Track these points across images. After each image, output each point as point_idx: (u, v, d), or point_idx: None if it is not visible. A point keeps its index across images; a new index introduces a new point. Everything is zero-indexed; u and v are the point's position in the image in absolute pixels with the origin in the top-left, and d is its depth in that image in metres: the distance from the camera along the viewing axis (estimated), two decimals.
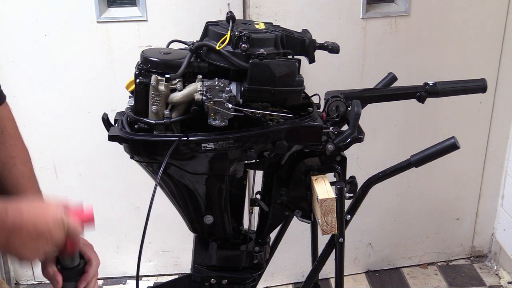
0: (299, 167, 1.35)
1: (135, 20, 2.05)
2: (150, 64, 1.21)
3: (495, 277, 2.49)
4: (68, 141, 2.21)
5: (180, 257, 2.45)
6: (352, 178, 1.41)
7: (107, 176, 2.28)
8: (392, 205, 2.44)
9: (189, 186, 1.31)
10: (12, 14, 2.01)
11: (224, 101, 1.18)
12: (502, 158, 2.43)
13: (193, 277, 1.46)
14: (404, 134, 2.30)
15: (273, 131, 1.24)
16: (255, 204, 1.45)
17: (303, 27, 1.38)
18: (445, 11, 2.14)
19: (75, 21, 2.03)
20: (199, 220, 1.35)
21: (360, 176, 1.42)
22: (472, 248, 2.61)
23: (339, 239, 1.39)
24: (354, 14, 2.08)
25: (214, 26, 1.26)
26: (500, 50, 2.24)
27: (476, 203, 2.52)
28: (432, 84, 1.49)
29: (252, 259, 1.46)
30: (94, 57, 2.09)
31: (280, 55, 1.22)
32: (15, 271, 2.44)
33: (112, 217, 2.34)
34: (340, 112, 1.41)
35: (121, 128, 1.26)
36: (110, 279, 2.46)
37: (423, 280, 2.48)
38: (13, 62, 2.09)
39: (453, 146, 1.32)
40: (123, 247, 2.42)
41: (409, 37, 2.15)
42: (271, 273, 2.41)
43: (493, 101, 2.33)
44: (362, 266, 2.53)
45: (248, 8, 2.03)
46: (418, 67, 2.19)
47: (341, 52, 1.37)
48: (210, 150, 1.22)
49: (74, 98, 2.15)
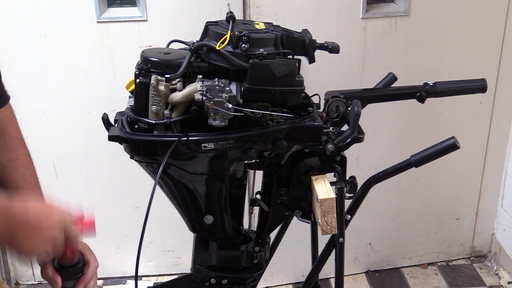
0: (299, 167, 1.35)
1: (135, 20, 2.05)
2: (150, 64, 1.21)
3: (495, 277, 2.49)
4: (68, 141, 2.21)
5: (180, 257, 2.45)
6: (352, 178, 1.41)
7: (107, 176, 2.28)
8: (392, 205, 2.44)
9: (189, 186, 1.31)
10: (12, 14, 2.01)
11: (224, 101, 1.18)
12: (502, 158, 2.43)
13: (193, 277, 1.47)
14: (404, 134, 2.30)
15: (273, 131, 1.24)
16: (255, 204, 1.45)
17: (303, 27, 1.38)
18: (445, 11, 2.14)
19: (75, 21, 2.03)
20: (199, 220, 1.35)
21: (360, 176, 1.42)
22: (472, 248, 2.61)
23: (339, 239, 1.39)
24: (354, 14, 2.08)
25: (214, 26, 1.26)
26: (500, 50, 2.24)
27: (476, 203, 2.52)
28: (432, 84, 1.49)
29: (252, 259, 1.46)
30: (94, 57, 2.09)
31: (280, 55, 1.22)
32: (15, 271, 2.44)
33: (112, 217, 2.34)
34: (340, 112, 1.41)
35: (121, 128, 1.26)
36: (110, 279, 2.46)
37: (423, 280, 2.48)
38: (13, 62, 2.09)
39: (453, 146, 1.32)
40: (123, 247, 2.42)
41: (409, 37, 2.15)
42: (271, 273, 2.41)
43: (493, 101, 2.33)
44: (362, 266, 2.53)
45: (248, 8, 2.03)
46: (418, 67, 2.19)
47: (341, 52, 1.37)
48: (210, 150, 1.22)
49: (74, 98, 2.15)
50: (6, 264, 2.38)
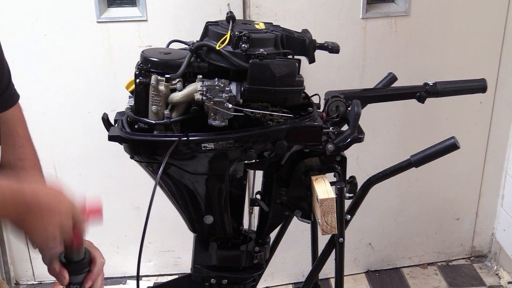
0: (299, 167, 1.35)
1: (135, 20, 2.05)
2: (150, 64, 1.21)
3: (495, 277, 2.49)
4: (68, 141, 2.21)
5: (180, 257, 2.45)
6: (352, 178, 1.41)
7: (107, 176, 2.28)
8: (392, 205, 2.44)
9: (189, 186, 1.31)
10: (12, 14, 2.01)
11: (224, 101, 1.18)
12: (502, 158, 2.43)
13: (193, 277, 1.47)
14: (404, 134, 2.30)
15: (273, 131, 1.24)
16: (255, 204, 1.45)
17: (303, 27, 1.38)
18: (445, 11, 2.14)
19: (75, 21, 2.03)
20: (199, 220, 1.35)
21: (360, 176, 1.42)
22: (472, 248, 2.61)
23: (339, 239, 1.39)
24: (354, 14, 2.08)
25: (214, 26, 1.26)
26: (500, 50, 2.24)
27: (476, 203, 2.52)
28: (432, 84, 1.49)
29: (252, 259, 1.46)
30: (94, 57, 2.09)
31: (280, 55, 1.22)
32: (15, 271, 2.44)
33: (112, 217, 2.33)
34: (340, 112, 1.41)
35: (121, 128, 1.26)
36: (110, 279, 2.46)
37: (423, 280, 2.48)
38: (13, 62, 2.07)
39: (453, 146, 1.32)
40: (123, 247, 2.42)
41: (409, 37, 2.15)
42: (271, 273, 2.41)
43: (493, 101, 2.33)
44: (362, 266, 2.53)
45: (248, 8, 2.03)
46: (418, 67, 2.18)
47: (341, 52, 1.37)
48: (210, 150, 1.22)
49: (74, 98, 2.15)
50: (6, 264, 2.38)
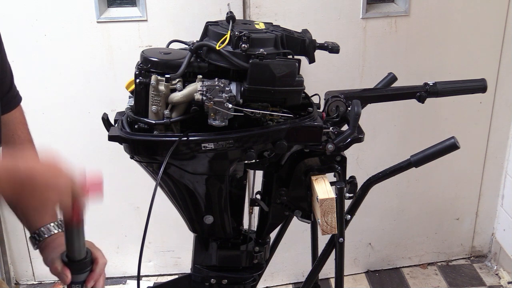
0: (299, 167, 1.35)
1: (135, 20, 2.05)
2: (150, 64, 1.21)
3: (495, 277, 2.49)
4: (68, 141, 2.21)
5: (180, 257, 2.45)
6: (352, 178, 1.41)
7: (107, 176, 2.25)
8: (392, 205, 2.44)
9: (189, 186, 1.31)
10: (12, 14, 2.01)
11: (224, 101, 1.18)
12: (502, 158, 2.43)
13: (193, 277, 1.47)
14: (404, 134, 2.30)
15: (273, 131, 1.24)
16: (255, 204, 1.45)
17: (303, 27, 1.38)
18: (445, 11, 2.14)
19: (75, 21, 2.03)
20: (199, 220, 1.35)
21: (360, 176, 1.42)
22: (472, 248, 2.61)
23: (339, 239, 1.39)
24: (354, 14, 2.08)
25: (214, 26, 1.26)
26: (500, 50, 2.24)
27: (476, 203, 2.52)
28: (432, 84, 1.49)
29: (252, 259, 1.46)
30: (94, 57, 2.09)
31: (280, 55, 1.22)
32: (15, 271, 2.44)
33: (112, 217, 2.34)
34: (340, 112, 1.41)
35: (121, 128, 1.26)
36: (110, 279, 2.45)
37: (423, 280, 2.48)
38: (13, 62, 2.08)
39: (453, 146, 1.32)
40: (123, 247, 2.42)
41: (409, 37, 2.15)
42: (271, 273, 2.41)
43: (493, 101, 2.33)
44: (362, 266, 2.53)
45: (248, 8, 2.03)
46: (418, 67, 2.18)
47: (341, 52, 1.37)
48: (210, 150, 1.22)
49: (74, 98, 2.15)
50: (6, 264, 2.38)
